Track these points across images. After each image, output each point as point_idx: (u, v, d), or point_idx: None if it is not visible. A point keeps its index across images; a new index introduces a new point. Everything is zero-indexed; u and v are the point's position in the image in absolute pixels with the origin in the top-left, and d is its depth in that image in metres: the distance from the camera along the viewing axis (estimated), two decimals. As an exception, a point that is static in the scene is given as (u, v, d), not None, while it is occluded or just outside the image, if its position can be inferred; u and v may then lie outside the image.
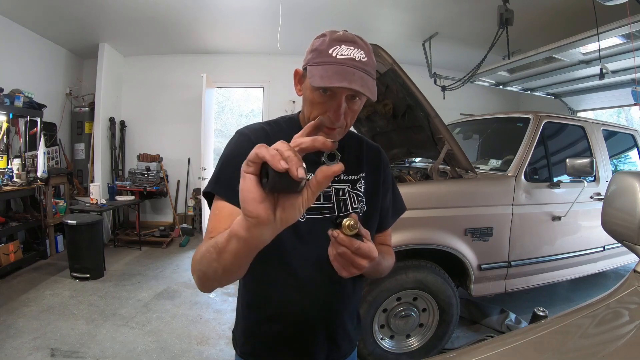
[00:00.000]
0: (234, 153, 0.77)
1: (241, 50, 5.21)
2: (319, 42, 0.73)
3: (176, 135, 5.35)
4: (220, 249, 0.55)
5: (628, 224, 0.82)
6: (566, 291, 3.37)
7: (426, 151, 2.72)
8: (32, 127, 3.92)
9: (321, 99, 0.72)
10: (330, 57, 0.70)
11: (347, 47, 0.70)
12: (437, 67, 4.68)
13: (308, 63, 0.73)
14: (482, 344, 0.62)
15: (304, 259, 0.78)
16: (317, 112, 0.74)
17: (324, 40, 0.72)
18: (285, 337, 0.82)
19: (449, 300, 2.14)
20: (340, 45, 0.70)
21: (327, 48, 0.70)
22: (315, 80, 0.68)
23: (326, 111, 0.73)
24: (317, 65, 0.70)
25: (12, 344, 2.23)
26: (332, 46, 0.70)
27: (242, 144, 0.78)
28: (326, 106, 0.73)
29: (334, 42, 0.71)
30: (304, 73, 0.77)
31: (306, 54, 0.75)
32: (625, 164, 3.28)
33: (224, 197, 0.73)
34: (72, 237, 3.38)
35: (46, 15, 3.85)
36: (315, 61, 0.71)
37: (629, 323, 0.68)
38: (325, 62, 0.70)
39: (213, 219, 0.73)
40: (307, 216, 0.78)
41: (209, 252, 0.58)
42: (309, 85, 0.73)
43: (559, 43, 3.06)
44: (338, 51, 0.70)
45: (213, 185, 0.76)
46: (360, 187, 0.86)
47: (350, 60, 0.70)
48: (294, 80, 0.81)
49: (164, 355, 2.22)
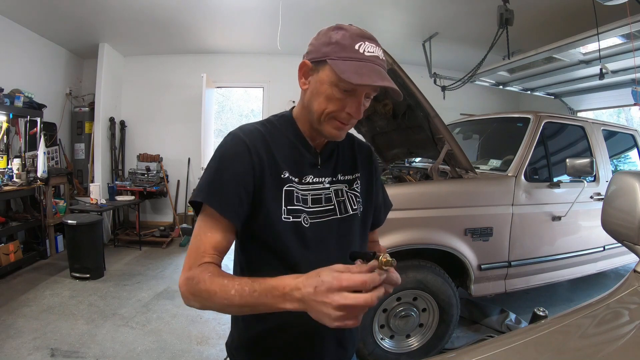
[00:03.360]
0: (229, 159, 0.72)
1: (241, 50, 5.21)
2: (340, 36, 0.69)
3: (176, 135, 5.35)
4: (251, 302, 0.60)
5: (628, 224, 0.82)
6: (566, 291, 3.37)
7: (426, 151, 2.72)
8: (32, 127, 3.92)
9: (341, 95, 0.70)
10: (357, 52, 0.68)
11: (371, 44, 0.69)
12: (437, 67, 4.68)
13: (329, 56, 0.69)
14: (482, 344, 0.62)
15: (312, 266, 0.76)
16: (333, 107, 0.71)
17: (344, 34, 0.69)
18: (295, 346, 0.78)
19: (449, 300, 2.14)
20: (365, 42, 0.69)
21: (352, 43, 0.68)
22: (349, 76, 0.65)
23: (344, 107, 0.71)
24: (345, 60, 0.67)
25: (12, 344, 2.23)
26: (357, 41, 0.68)
27: (237, 148, 0.72)
28: (344, 102, 0.71)
29: (357, 37, 0.69)
30: (315, 66, 0.72)
31: (319, 46, 0.71)
32: (625, 164, 3.28)
33: (218, 209, 0.69)
34: (72, 237, 3.38)
35: (46, 15, 3.85)
36: (341, 55, 0.68)
37: (629, 323, 0.68)
38: (354, 57, 0.67)
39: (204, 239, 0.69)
40: (311, 221, 0.76)
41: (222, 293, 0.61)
42: (326, 80, 0.70)
43: (559, 43, 3.06)
44: (364, 47, 0.68)
45: (205, 195, 0.70)
46: (357, 187, 0.85)
47: (376, 57, 0.69)
48: (298, 72, 0.75)
49: (164, 355, 2.22)
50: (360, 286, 0.52)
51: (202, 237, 0.69)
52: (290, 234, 0.73)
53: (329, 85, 0.70)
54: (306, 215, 0.75)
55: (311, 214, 0.76)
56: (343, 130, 0.75)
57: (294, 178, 0.76)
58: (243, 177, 0.71)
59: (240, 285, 0.60)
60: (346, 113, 0.71)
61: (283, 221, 0.73)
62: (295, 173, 0.77)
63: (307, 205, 0.76)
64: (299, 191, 0.76)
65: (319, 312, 0.53)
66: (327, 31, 0.72)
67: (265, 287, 0.58)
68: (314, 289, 0.53)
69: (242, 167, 0.71)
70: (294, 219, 0.74)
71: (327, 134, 0.74)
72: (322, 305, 0.52)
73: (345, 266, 0.55)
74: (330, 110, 0.71)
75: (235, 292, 0.60)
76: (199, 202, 0.71)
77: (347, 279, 0.52)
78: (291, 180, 0.76)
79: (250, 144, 0.73)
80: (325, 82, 0.70)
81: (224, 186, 0.70)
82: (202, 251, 0.68)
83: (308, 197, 0.77)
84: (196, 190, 0.73)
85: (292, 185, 0.75)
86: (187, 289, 0.65)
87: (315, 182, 0.79)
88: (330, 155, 0.83)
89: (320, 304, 0.53)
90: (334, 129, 0.74)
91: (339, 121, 0.73)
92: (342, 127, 0.74)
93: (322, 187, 0.80)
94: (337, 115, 0.72)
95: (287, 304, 0.57)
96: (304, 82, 0.75)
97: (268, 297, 0.58)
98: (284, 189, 0.74)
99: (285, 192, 0.74)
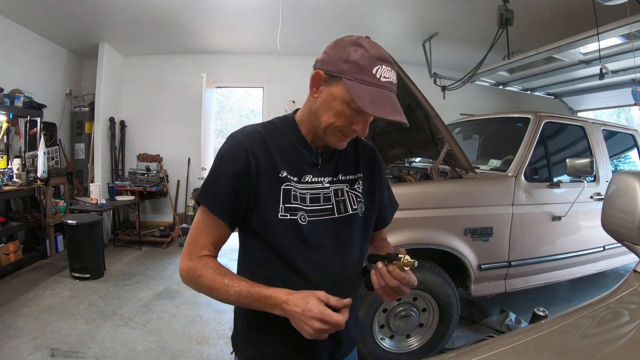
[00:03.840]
0: (225, 161, 0.77)
1: (241, 50, 5.22)
2: (359, 56, 0.69)
3: (176, 135, 5.35)
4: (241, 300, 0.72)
5: (628, 224, 0.82)
6: (566, 291, 3.37)
7: (426, 151, 2.72)
8: (32, 127, 3.92)
9: (350, 112, 0.72)
10: (374, 77, 0.69)
11: (387, 68, 0.71)
12: (437, 67, 4.68)
13: (345, 75, 0.69)
14: (482, 344, 0.62)
15: (311, 263, 0.78)
16: (341, 122, 0.74)
17: (363, 55, 0.69)
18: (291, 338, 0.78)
19: (449, 300, 2.14)
20: (382, 66, 0.70)
21: (370, 66, 0.69)
22: (365, 103, 0.67)
23: (351, 124, 0.74)
24: (361, 84, 0.69)
25: (12, 344, 2.23)
26: (375, 65, 0.69)
27: (234, 151, 0.77)
28: (352, 119, 0.73)
29: (375, 60, 0.70)
30: (329, 79, 0.73)
31: (336, 60, 0.71)
32: (625, 164, 3.28)
33: (209, 208, 0.76)
34: (72, 237, 3.38)
35: (46, 16, 3.86)
36: (357, 77, 0.69)
37: (629, 323, 0.68)
38: (370, 82, 0.69)
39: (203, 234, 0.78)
40: (309, 219, 0.78)
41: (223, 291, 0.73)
42: (339, 96, 0.71)
43: (559, 43, 3.06)
44: (381, 72, 0.70)
45: (199, 194, 0.79)
46: (359, 187, 0.87)
47: (390, 83, 0.72)
48: (310, 81, 0.76)
49: (164, 355, 2.22)
50: (335, 326, 0.66)
51: (201, 230, 0.78)
52: (287, 231, 0.76)
53: (341, 102, 0.72)
54: (304, 213, 0.77)
55: (309, 212, 0.78)
56: (345, 142, 0.80)
57: (293, 177, 0.79)
58: (237, 178, 0.75)
59: (240, 288, 0.71)
60: (353, 129, 0.75)
61: (280, 219, 0.76)
62: (294, 172, 0.79)
63: (305, 203, 0.78)
64: (297, 190, 0.78)
65: (300, 326, 0.68)
66: (345, 45, 0.72)
67: (261, 295, 0.70)
68: (301, 311, 0.66)
69: (238, 168, 0.76)
70: (291, 216, 0.76)
71: (331, 144, 0.79)
72: (303, 324, 0.67)
73: (326, 295, 0.69)
74: (339, 125, 0.74)
75: (234, 293, 0.71)
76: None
77: (329, 315, 0.66)
78: (289, 179, 0.78)
79: (247, 145, 0.77)
80: (337, 97, 0.72)
81: (217, 186, 0.76)
82: (202, 244, 0.77)
83: (307, 196, 0.79)
84: (200, 192, 0.80)
85: (290, 184, 0.78)
86: (189, 278, 0.76)
87: (314, 181, 0.81)
88: (331, 156, 0.85)
89: (302, 322, 0.67)
90: (338, 140, 0.78)
91: (343, 134, 0.77)
92: (346, 139, 0.79)
93: (321, 187, 0.81)
94: (344, 130, 0.76)
95: (276, 311, 0.70)
96: (315, 90, 0.76)
97: (261, 303, 0.71)
98: (281, 187, 0.77)
99: (283, 191, 0.77)
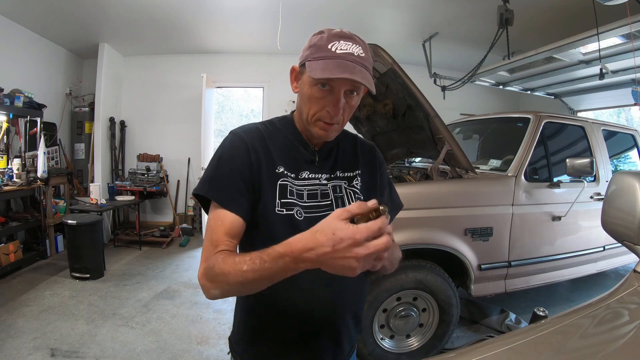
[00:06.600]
0: (228, 155, 0.78)
1: (241, 50, 5.21)
2: (317, 39, 0.74)
3: (176, 135, 5.35)
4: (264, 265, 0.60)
5: (628, 224, 0.82)
6: (566, 291, 3.37)
7: (426, 151, 2.72)
8: (32, 127, 3.92)
9: (320, 93, 0.73)
10: (329, 51, 0.71)
11: (346, 42, 0.72)
12: (437, 67, 4.68)
13: (306, 59, 0.74)
14: (482, 344, 0.62)
15: None
16: (316, 107, 0.75)
17: (322, 37, 0.73)
18: (291, 339, 0.80)
19: (449, 300, 2.14)
20: (339, 41, 0.72)
21: (326, 43, 0.72)
22: (316, 72, 0.69)
23: (325, 106, 0.74)
24: (316, 60, 0.71)
25: (12, 344, 2.22)
26: (331, 41, 0.72)
27: (236, 145, 0.78)
28: (325, 101, 0.74)
29: (333, 37, 0.72)
30: (301, 70, 0.77)
31: (303, 52, 0.77)
32: (625, 164, 3.28)
33: (220, 203, 0.73)
34: (72, 237, 3.38)
35: (46, 16, 3.85)
36: (315, 56, 0.72)
37: (629, 323, 0.68)
38: (325, 56, 0.71)
39: (215, 229, 0.72)
40: (305, 215, 0.78)
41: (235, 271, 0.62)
42: (307, 81, 0.74)
43: (559, 43, 3.06)
44: (337, 46, 0.71)
45: (207, 189, 0.75)
46: (357, 184, 0.87)
47: (349, 54, 0.71)
48: (290, 77, 0.82)
49: (164, 355, 2.22)
50: (377, 233, 0.53)
51: (214, 228, 0.73)
52: (283, 226, 0.76)
53: (309, 86, 0.74)
54: (300, 208, 0.78)
55: (305, 208, 0.79)
56: (329, 131, 0.78)
57: (290, 173, 0.80)
58: (241, 172, 0.76)
59: (252, 259, 0.60)
60: (326, 111, 0.74)
61: (276, 213, 0.76)
62: (291, 169, 0.80)
63: (302, 199, 0.79)
64: (294, 186, 0.79)
65: (341, 266, 0.54)
66: (312, 36, 0.77)
67: (274, 256, 0.58)
68: (332, 248, 0.53)
69: (241, 162, 0.76)
70: (287, 211, 0.77)
71: (316, 134, 0.79)
72: (344, 260, 0.53)
73: (343, 210, 0.55)
74: (314, 111, 0.75)
75: (247, 268, 0.60)
76: (201, 195, 0.76)
77: (365, 230, 0.52)
78: (286, 175, 0.79)
79: (248, 141, 0.78)
80: (306, 83, 0.75)
81: (224, 181, 0.75)
82: (216, 241, 0.71)
83: (304, 192, 0.80)
84: (199, 183, 0.78)
85: (287, 180, 0.79)
86: (206, 278, 0.67)
87: (311, 177, 0.82)
88: (329, 153, 0.86)
89: (342, 259, 0.53)
90: (320, 129, 0.77)
91: (323, 122, 0.76)
92: (327, 127, 0.77)
93: (319, 183, 0.82)
94: (320, 115, 0.76)
95: (300, 266, 0.57)
96: (295, 86, 0.80)
97: (279, 265, 0.58)
98: (278, 183, 0.78)
99: (279, 186, 0.78)
